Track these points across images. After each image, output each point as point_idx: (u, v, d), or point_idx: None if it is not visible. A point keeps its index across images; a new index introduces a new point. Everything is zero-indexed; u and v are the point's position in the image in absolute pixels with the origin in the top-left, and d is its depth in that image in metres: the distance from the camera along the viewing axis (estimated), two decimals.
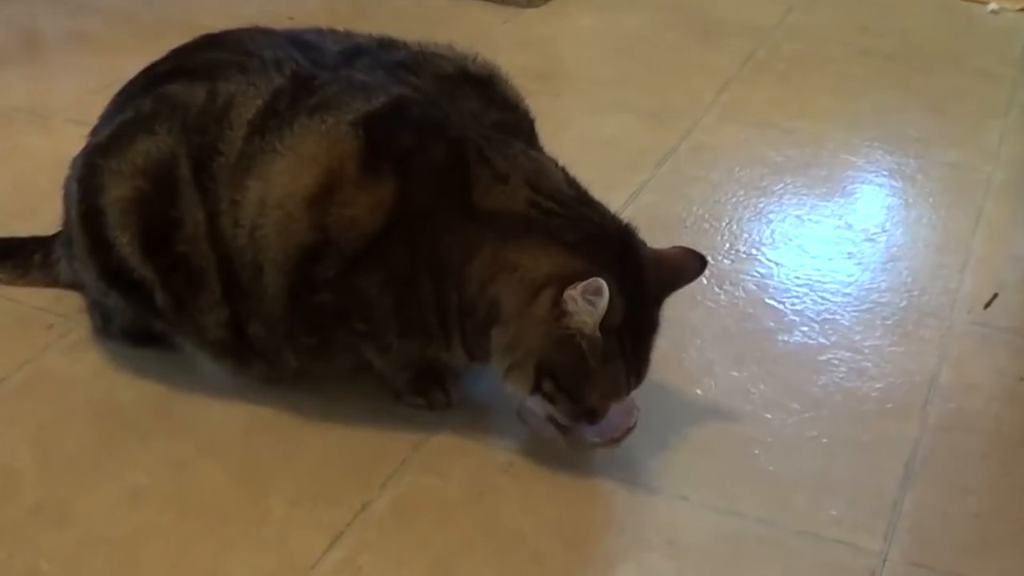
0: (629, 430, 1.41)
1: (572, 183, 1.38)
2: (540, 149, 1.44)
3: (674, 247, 1.39)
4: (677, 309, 1.42)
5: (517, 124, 1.43)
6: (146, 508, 1.32)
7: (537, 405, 1.39)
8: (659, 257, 1.35)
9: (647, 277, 1.32)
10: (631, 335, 1.30)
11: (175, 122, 1.39)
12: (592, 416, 1.35)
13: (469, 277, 1.31)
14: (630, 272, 1.30)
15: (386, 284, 1.33)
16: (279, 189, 1.32)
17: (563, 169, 1.39)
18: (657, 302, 1.34)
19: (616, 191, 1.46)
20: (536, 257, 1.29)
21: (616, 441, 1.40)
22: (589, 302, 1.23)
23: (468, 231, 1.31)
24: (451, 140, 1.34)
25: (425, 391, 1.46)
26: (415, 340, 1.38)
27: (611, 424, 1.41)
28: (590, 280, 1.22)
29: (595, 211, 1.35)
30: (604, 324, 1.25)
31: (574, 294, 1.24)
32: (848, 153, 2.15)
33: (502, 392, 1.38)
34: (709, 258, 1.53)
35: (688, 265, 1.37)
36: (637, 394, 1.43)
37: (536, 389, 1.32)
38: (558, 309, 1.26)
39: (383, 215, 1.31)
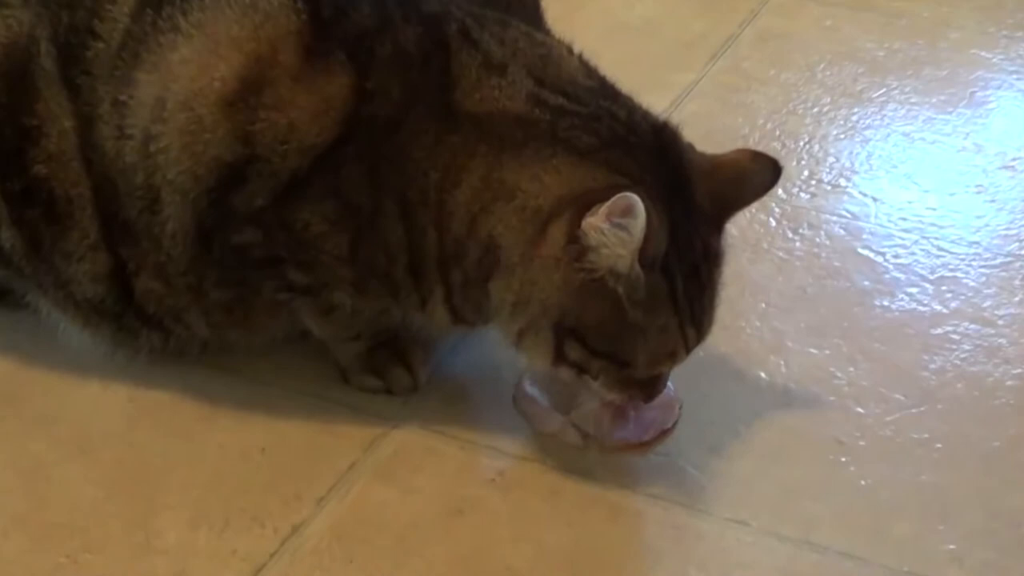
0: (665, 432, 1.40)
1: (592, 73, 1.38)
2: (547, 33, 1.44)
3: (736, 150, 1.39)
4: (734, 261, 1.41)
5: None
6: None
7: (538, 389, 1.39)
8: (714, 165, 1.35)
9: (698, 192, 1.32)
10: (682, 270, 1.29)
11: None
12: (648, 388, 1.34)
13: (454, 208, 1.31)
14: (673, 185, 1.30)
15: (338, 217, 1.33)
16: (184, 84, 1.32)
17: (580, 56, 1.39)
18: (715, 225, 1.34)
19: (651, 95, 1.44)
20: (538, 176, 1.29)
21: (646, 446, 1.40)
22: (619, 227, 1.22)
23: (450, 143, 1.31)
24: (427, 18, 1.34)
25: (383, 369, 1.47)
26: (374, 296, 1.39)
27: (643, 421, 1.40)
28: (617, 197, 1.21)
29: (622, 106, 1.34)
30: (644, 255, 1.24)
31: (595, 222, 1.23)
32: (978, 46, 2.14)
33: (489, 370, 1.38)
34: (780, 191, 1.52)
35: (755, 173, 1.37)
36: (678, 382, 1.42)
37: (560, 359, 1.31)
38: (576, 246, 1.25)
39: (333, 121, 1.31)
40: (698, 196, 1.31)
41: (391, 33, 1.33)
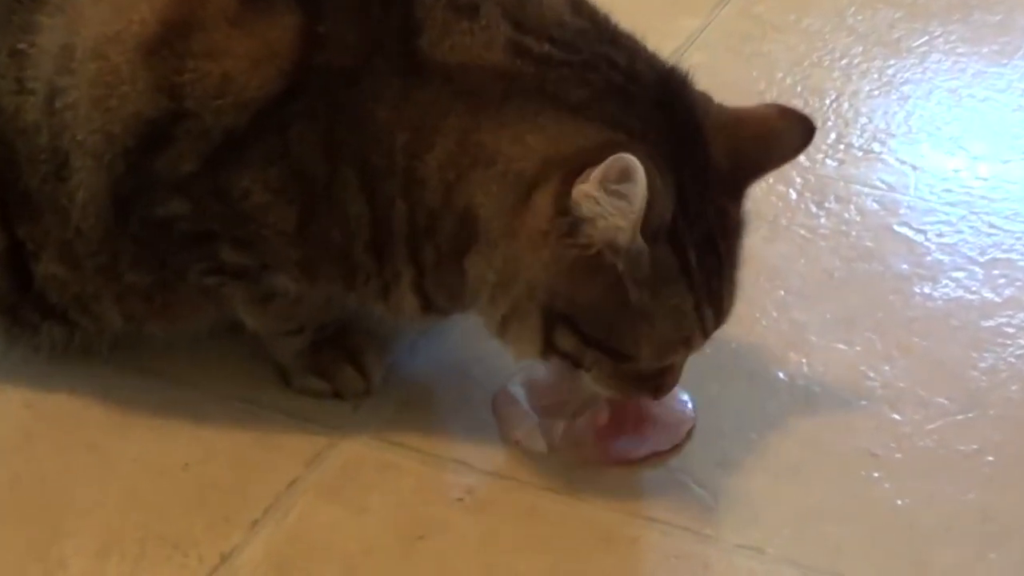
0: (659, 454, 1.42)
1: (580, 9, 1.37)
2: None
3: (761, 104, 1.40)
4: (747, 240, 1.39)
5: None
6: None
7: (524, 392, 1.42)
8: (735, 119, 1.36)
9: (713, 149, 1.32)
10: (694, 240, 1.29)
11: None
12: (656, 386, 1.35)
13: (426, 176, 1.31)
14: (682, 141, 1.30)
15: (284, 186, 1.33)
16: (96, 28, 1.32)
17: None
18: (732, 189, 1.34)
19: (649, 45, 1.46)
20: (521, 137, 1.29)
21: (631, 463, 1.41)
22: (616, 194, 1.21)
23: (419, 100, 1.31)
24: None
25: (330, 369, 1.48)
26: (325, 281, 1.39)
27: (639, 433, 1.41)
28: (612, 159, 1.21)
29: (622, 50, 1.34)
30: (648, 226, 1.23)
31: (588, 189, 1.22)
32: None
33: (456, 370, 1.38)
34: (803, 157, 1.52)
35: (783, 131, 1.38)
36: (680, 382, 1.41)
37: (549, 348, 1.31)
38: (566, 218, 1.25)
39: (277, 72, 1.31)
40: (713, 154, 1.32)
41: None
